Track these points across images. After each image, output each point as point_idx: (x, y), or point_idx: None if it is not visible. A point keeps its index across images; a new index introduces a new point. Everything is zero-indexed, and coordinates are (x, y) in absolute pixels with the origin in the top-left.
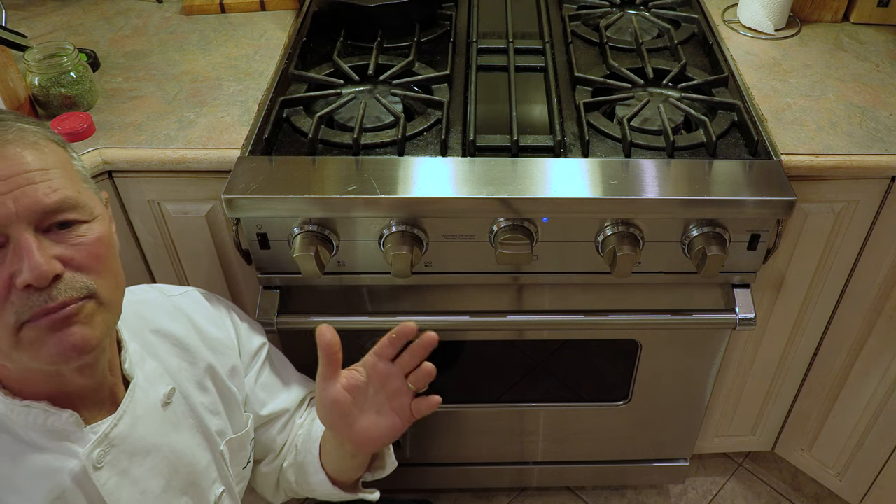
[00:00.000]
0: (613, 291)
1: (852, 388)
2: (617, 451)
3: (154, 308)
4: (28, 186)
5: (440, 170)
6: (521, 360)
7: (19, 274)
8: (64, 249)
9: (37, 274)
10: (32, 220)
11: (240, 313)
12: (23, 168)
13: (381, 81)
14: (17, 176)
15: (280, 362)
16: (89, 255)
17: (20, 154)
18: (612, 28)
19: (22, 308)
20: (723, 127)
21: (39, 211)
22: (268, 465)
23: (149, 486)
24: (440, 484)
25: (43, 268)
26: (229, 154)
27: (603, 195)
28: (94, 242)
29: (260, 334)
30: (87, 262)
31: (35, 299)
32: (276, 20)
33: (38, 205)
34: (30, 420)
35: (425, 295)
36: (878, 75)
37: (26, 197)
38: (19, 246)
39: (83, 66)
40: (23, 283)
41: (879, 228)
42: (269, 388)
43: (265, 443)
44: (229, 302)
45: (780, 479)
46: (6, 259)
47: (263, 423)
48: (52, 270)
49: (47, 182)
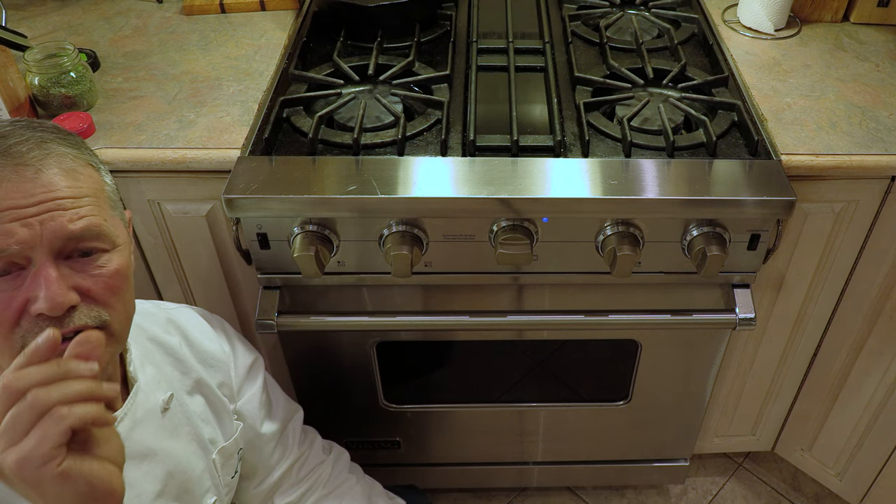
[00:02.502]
0: (613, 291)
1: (852, 388)
2: (617, 451)
3: (149, 318)
4: (57, 212)
5: (440, 170)
6: (521, 360)
7: (35, 301)
8: (82, 280)
9: (52, 304)
10: (56, 245)
11: (233, 331)
12: (56, 194)
13: (381, 81)
14: (48, 201)
15: (271, 380)
16: (106, 288)
17: (55, 180)
18: (612, 28)
19: (29, 333)
20: (723, 127)
21: (64, 237)
22: (257, 488)
23: (144, 490)
24: (440, 484)
25: (59, 299)
26: (229, 154)
27: (603, 195)
28: (112, 275)
29: (254, 352)
30: (102, 295)
31: (44, 325)
32: (276, 20)
33: (63, 230)
34: None
35: (425, 295)
36: (878, 75)
37: (53, 221)
38: (39, 274)
39: (83, 66)
40: (37, 311)
41: (879, 228)
42: (266, 406)
43: (255, 462)
44: (222, 319)
45: (780, 479)
46: (24, 283)
47: (258, 442)
48: (67, 302)
49: (76, 210)
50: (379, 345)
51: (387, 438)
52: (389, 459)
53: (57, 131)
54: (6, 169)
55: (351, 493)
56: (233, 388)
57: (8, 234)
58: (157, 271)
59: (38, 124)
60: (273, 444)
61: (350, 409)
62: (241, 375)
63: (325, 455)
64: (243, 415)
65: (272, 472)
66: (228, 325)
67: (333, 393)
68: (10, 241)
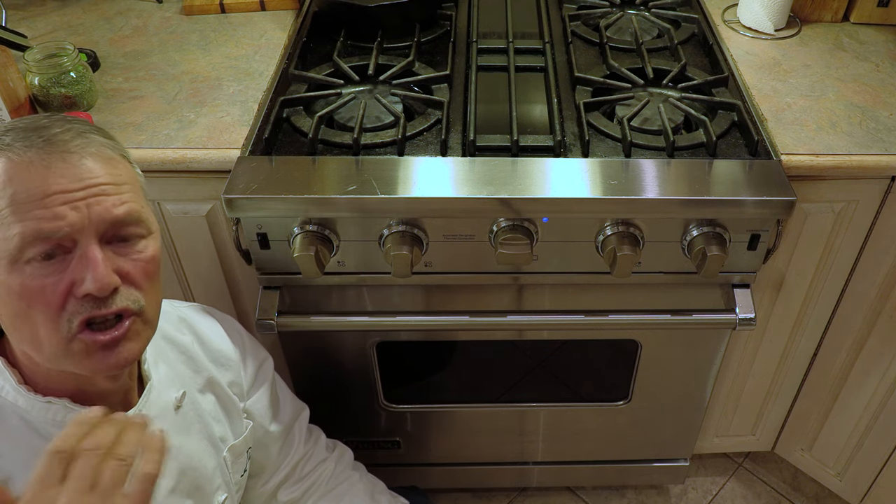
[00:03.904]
0: (613, 291)
1: (852, 387)
2: (617, 451)
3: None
4: (102, 197)
5: (440, 170)
6: (521, 360)
7: (81, 283)
8: (123, 263)
9: (100, 285)
10: (101, 229)
11: (244, 330)
12: (99, 180)
13: (381, 81)
14: (93, 186)
15: (279, 379)
16: (143, 272)
17: (98, 166)
18: (612, 28)
19: (74, 314)
20: (723, 127)
21: (109, 221)
22: (264, 486)
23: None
24: (440, 484)
25: (106, 280)
26: (229, 154)
27: (603, 195)
28: (149, 260)
29: (263, 352)
30: (139, 279)
31: (88, 305)
32: (276, 20)
33: (108, 215)
34: (49, 416)
35: (425, 295)
36: (878, 75)
37: (99, 206)
38: (86, 256)
39: (83, 66)
40: (85, 291)
41: (879, 228)
42: (275, 405)
43: (262, 461)
44: (233, 319)
45: (780, 479)
46: (69, 265)
47: (266, 440)
48: (112, 283)
49: (118, 195)
50: (379, 345)
51: (387, 438)
52: (389, 459)
53: (90, 125)
54: (53, 156)
55: (354, 491)
56: (243, 386)
57: (58, 217)
58: None
59: (72, 118)
60: (280, 442)
61: (350, 409)
62: (251, 374)
63: (328, 453)
64: (252, 413)
65: (278, 470)
66: (240, 325)
67: (333, 393)
68: (62, 224)
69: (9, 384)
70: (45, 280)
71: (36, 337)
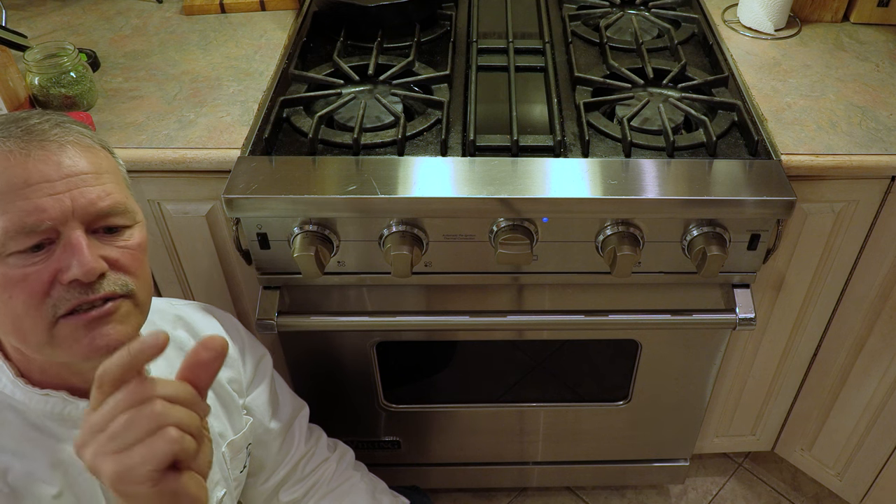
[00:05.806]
0: (613, 291)
1: (852, 387)
2: (617, 451)
3: (157, 315)
4: (85, 188)
5: (440, 170)
6: (521, 360)
7: (67, 270)
8: (109, 251)
9: (86, 270)
10: (85, 220)
11: (243, 327)
12: (80, 169)
13: (381, 81)
14: (75, 177)
15: (278, 377)
16: (132, 259)
17: (79, 156)
18: (612, 28)
19: (60, 301)
20: (723, 127)
21: (94, 213)
22: (264, 485)
23: None
24: (440, 484)
25: (92, 264)
26: (229, 154)
27: (603, 195)
28: (136, 247)
29: (262, 348)
30: (129, 265)
31: (75, 292)
32: (276, 20)
33: (93, 206)
34: (47, 409)
35: (425, 295)
36: (878, 75)
37: (83, 197)
38: (70, 243)
39: (83, 66)
40: (71, 277)
41: (879, 228)
42: (274, 402)
43: (262, 458)
44: (232, 316)
45: (780, 479)
46: (53, 255)
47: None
48: (99, 268)
49: (101, 186)
50: (379, 345)
51: (387, 438)
52: (390, 459)
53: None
54: (31, 144)
55: (355, 490)
56: (242, 383)
57: (40, 209)
58: (157, 271)
59: (51, 111)
60: (280, 440)
61: (350, 409)
62: (250, 371)
63: (329, 452)
64: (252, 410)
65: (278, 468)
66: (238, 322)
67: (333, 393)
68: (44, 217)
69: (5, 377)
70: (28, 269)
71: (20, 327)
